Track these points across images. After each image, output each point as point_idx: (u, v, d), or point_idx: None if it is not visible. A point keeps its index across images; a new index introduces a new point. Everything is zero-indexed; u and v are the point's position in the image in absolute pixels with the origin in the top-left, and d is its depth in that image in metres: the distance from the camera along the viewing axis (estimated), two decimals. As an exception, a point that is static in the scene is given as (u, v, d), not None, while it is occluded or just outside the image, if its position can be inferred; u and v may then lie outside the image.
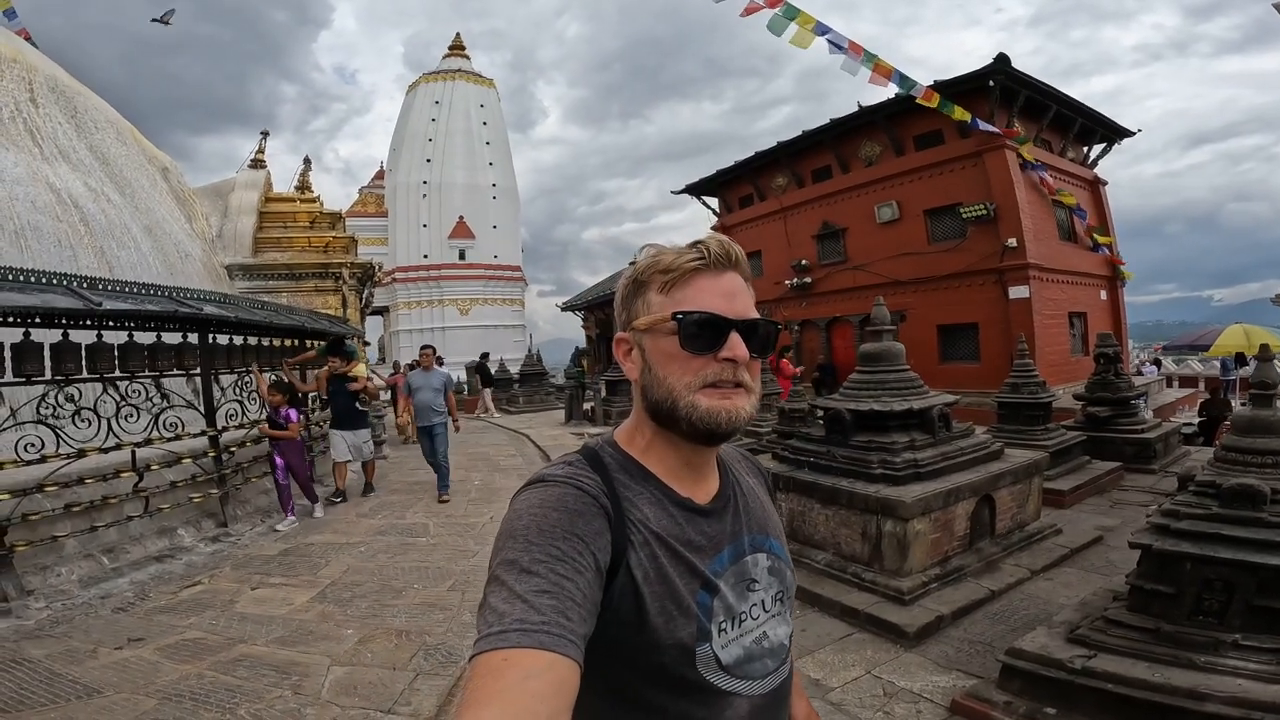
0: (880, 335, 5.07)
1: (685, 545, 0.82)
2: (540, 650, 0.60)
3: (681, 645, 0.78)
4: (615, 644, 0.76)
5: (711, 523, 0.87)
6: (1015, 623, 3.72)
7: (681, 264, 0.81)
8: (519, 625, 0.62)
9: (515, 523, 0.73)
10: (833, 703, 3.02)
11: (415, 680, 3.28)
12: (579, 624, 0.65)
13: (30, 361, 4.68)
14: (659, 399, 0.82)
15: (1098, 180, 16.20)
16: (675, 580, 0.80)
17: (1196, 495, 2.80)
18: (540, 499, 0.76)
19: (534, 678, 0.58)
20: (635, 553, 0.78)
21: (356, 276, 13.64)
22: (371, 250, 26.92)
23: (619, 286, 0.88)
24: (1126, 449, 7.38)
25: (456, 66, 34.86)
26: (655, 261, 0.83)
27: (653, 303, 0.83)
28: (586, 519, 0.74)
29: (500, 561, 0.69)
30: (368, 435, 7.59)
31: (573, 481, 0.79)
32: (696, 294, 0.81)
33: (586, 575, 0.69)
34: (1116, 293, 16.21)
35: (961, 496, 4.36)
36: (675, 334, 0.80)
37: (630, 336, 0.86)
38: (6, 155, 6.79)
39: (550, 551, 0.69)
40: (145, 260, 8.25)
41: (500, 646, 0.60)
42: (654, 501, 0.83)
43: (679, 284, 0.81)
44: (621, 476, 0.83)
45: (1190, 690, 2.28)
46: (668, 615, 0.78)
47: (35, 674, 3.27)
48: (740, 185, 19.92)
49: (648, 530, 0.80)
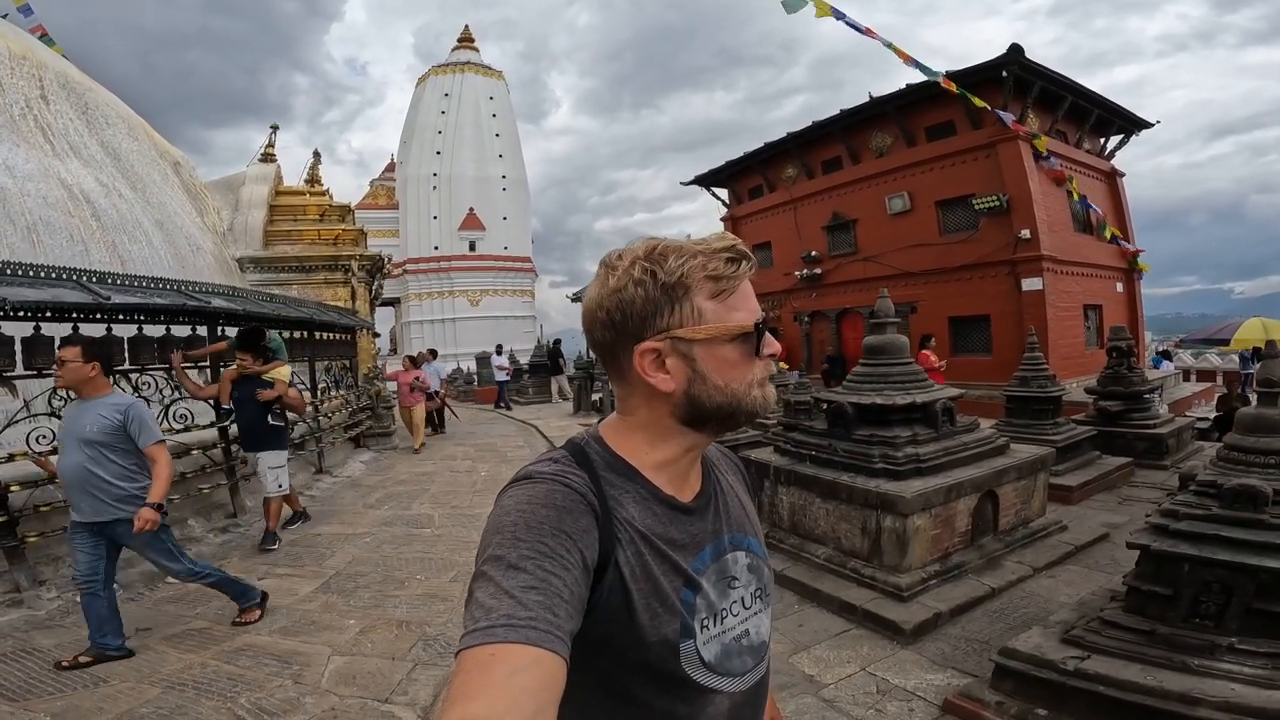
0: (884, 328, 5.04)
1: (669, 544, 0.83)
2: (527, 646, 0.60)
3: (666, 642, 0.79)
4: (602, 640, 0.77)
5: (694, 521, 0.87)
6: (1014, 621, 3.70)
7: (731, 271, 0.80)
8: (506, 620, 0.62)
9: (502, 519, 0.73)
10: (825, 699, 3.02)
11: (413, 670, 3.32)
12: (566, 620, 0.65)
13: (41, 355, 4.76)
14: (719, 404, 0.81)
15: (1115, 172, 15.91)
16: (660, 578, 0.80)
17: (1197, 495, 2.76)
18: (528, 495, 0.76)
19: (520, 673, 0.58)
20: (623, 551, 0.78)
21: (366, 269, 13.73)
22: (382, 242, 27.08)
23: (624, 289, 0.80)
24: (1138, 444, 7.28)
25: (465, 59, 34.83)
26: (693, 267, 0.79)
27: (705, 311, 0.79)
28: (574, 516, 0.74)
29: (487, 557, 0.69)
30: (277, 460, 5.56)
31: (560, 479, 0.78)
32: (745, 300, 0.82)
33: (574, 572, 0.70)
34: (1133, 285, 15.95)
35: (964, 492, 4.33)
36: (746, 342, 0.81)
37: (666, 346, 0.79)
38: (18, 152, 6.88)
39: (537, 548, 0.69)
40: (157, 254, 8.35)
41: (487, 642, 0.60)
42: (639, 500, 0.83)
43: (730, 290, 0.81)
44: (608, 474, 0.83)
45: (1182, 694, 2.26)
46: (653, 612, 0.78)
47: (44, 664, 3.34)
48: (750, 176, 19.77)
49: (634, 529, 0.80)
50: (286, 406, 5.60)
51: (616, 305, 0.80)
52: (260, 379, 5.49)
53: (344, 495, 7.39)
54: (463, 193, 33.25)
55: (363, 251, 14.01)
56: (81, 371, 3.36)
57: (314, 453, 8.33)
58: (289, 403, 5.63)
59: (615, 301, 0.80)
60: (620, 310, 0.80)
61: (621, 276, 0.80)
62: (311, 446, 8.24)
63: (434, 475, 8.41)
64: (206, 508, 6.03)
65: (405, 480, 8.12)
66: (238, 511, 6.18)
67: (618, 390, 0.88)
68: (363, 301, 13.57)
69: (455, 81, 33.94)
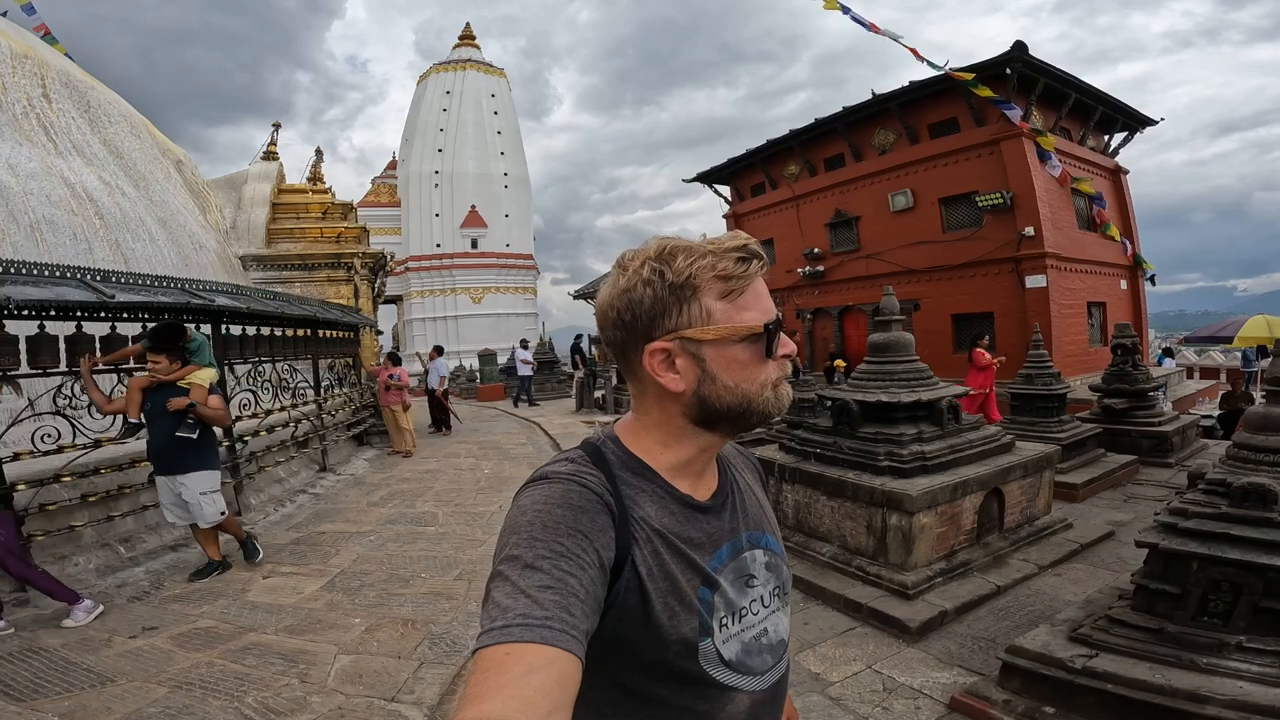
0: (889, 325, 5.02)
1: (686, 542, 0.83)
2: (543, 645, 0.60)
3: (685, 640, 0.79)
4: (620, 639, 0.77)
5: (711, 519, 0.87)
6: (1020, 619, 3.70)
7: (742, 271, 0.79)
8: (522, 620, 0.62)
9: (519, 519, 0.74)
10: (832, 697, 3.02)
11: (419, 669, 3.32)
12: (582, 620, 0.65)
13: (45, 353, 4.76)
14: (729, 405, 0.81)
15: (1119, 169, 15.86)
16: (678, 576, 0.80)
17: (1206, 493, 2.74)
18: (544, 495, 0.76)
19: (536, 672, 0.58)
20: (639, 550, 0.79)
21: (368, 266, 13.74)
22: (385, 240, 27.08)
23: (633, 289, 0.80)
24: (1143, 442, 7.26)
25: (467, 56, 34.77)
26: (701, 267, 0.78)
27: (714, 311, 0.78)
28: (590, 515, 0.75)
29: (504, 557, 0.69)
30: (210, 483, 4.64)
31: (577, 478, 0.79)
32: (757, 299, 0.81)
33: (590, 572, 0.70)
34: (1137, 282, 15.93)
35: (969, 490, 4.33)
36: (757, 342, 0.80)
37: (675, 346, 0.79)
38: (21, 150, 6.89)
39: (554, 548, 0.69)
40: (160, 252, 8.36)
41: (503, 641, 0.60)
42: (656, 499, 0.83)
43: (741, 290, 0.80)
44: (624, 474, 0.84)
45: (1190, 693, 2.25)
46: (671, 611, 0.79)
47: (51, 663, 3.35)
48: (752, 173, 19.74)
49: (650, 528, 0.81)
50: (202, 417, 4.56)
51: (626, 305, 0.80)
52: (176, 387, 4.55)
53: (348, 493, 7.40)
54: (464, 190, 33.22)
55: (365, 249, 14.02)
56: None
57: (318, 451, 8.34)
58: (205, 413, 4.56)
59: (625, 301, 0.80)
60: (630, 310, 0.80)
61: (631, 276, 0.80)
62: (315, 444, 8.25)
63: (437, 473, 8.41)
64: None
65: (409, 478, 8.12)
66: (242, 510, 6.19)
67: (632, 389, 0.88)
68: (365, 299, 13.58)
69: (457, 79, 33.89)
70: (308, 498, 7.12)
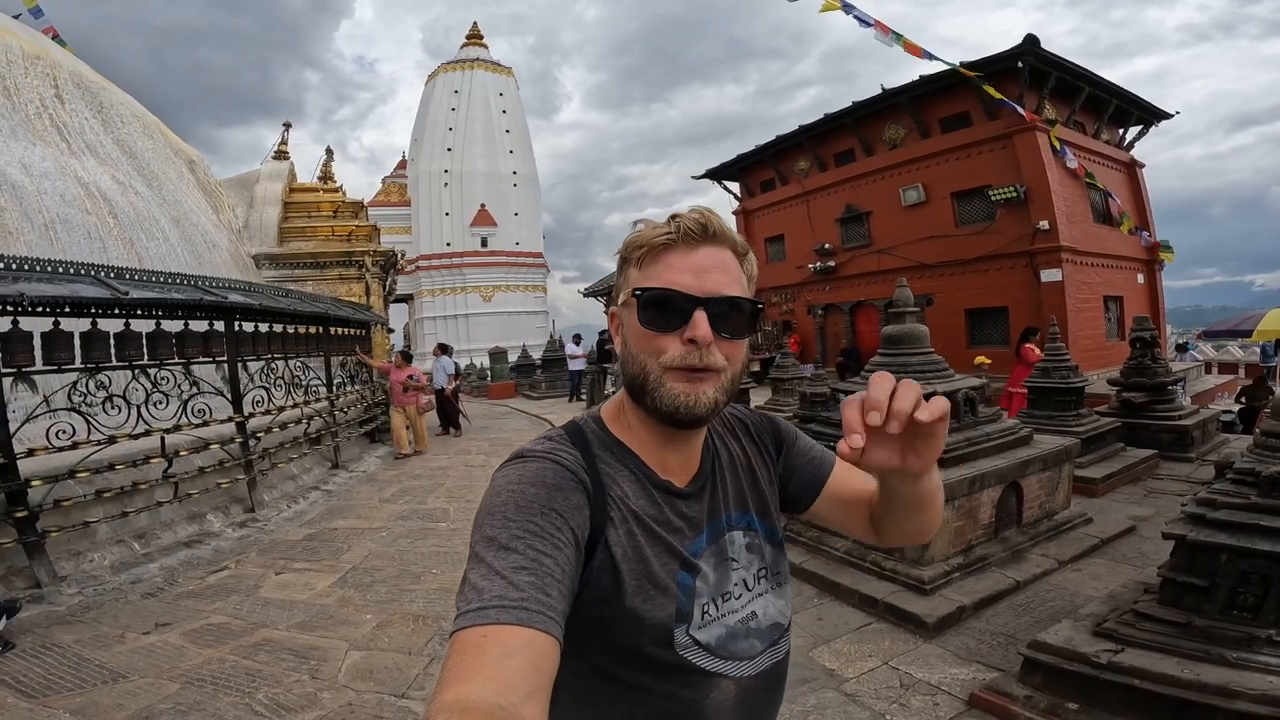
0: (903, 317, 4.95)
1: (663, 526, 0.82)
2: (519, 627, 0.60)
3: (661, 625, 0.78)
4: (597, 622, 0.77)
5: (690, 504, 0.86)
6: (1040, 614, 3.62)
7: (653, 239, 0.80)
8: (498, 602, 0.62)
9: (494, 499, 0.73)
10: (847, 693, 2.97)
11: (430, 665, 3.31)
12: (558, 600, 0.65)
13: (60, 350, 4.79)
14: (633, 374, 0.82)
15: (1134, 163, 15.64)
16: (653, 560, 0.80)
17: (1234, 484, 2.67)
18: (518, 474, 0.76)
19: (514, 655, 0.58)
20: (614, 529, 0.78)
21: (379, 264, 13.76)
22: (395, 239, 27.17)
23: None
24: (1162, 436, 7.13)
25: (474, 55, 34.85)
26: (636, 237, 0.82)
27: (630, 278, 0.82)
28: (565, 494, 0.74)
29: (479, 538, 0.69)
30: None
31: (551, 456, 0.79)
32: (664, 270, 0.79)
33: (565, 551, 0.70)
34: (1154, 276, 15.70)
35: (987, 483, 4.25)
36: (647, 310, 0.79)
37: (616, 310, 0.86)
38: (35, 150, 6.94)
39: (528, 527, 0.69)
40: (173, 251, 8.41)
41: (480, 623, 0.60)
42: (633, 480, 0.83)
43: (649, 259, 0.80)
44: (603, 453, 0.84)
45: (1220, 687, 2.18)
46: (645, 594, 0.78)
47: (64, 659, 3.36)
48: (761, 169, 19.64)
49: (626, 508, 0.80)
50: None
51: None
52: None
53: (360, 490, 7.42)
54: (474, 189, 33.31)
55: (376, 248, 14.04)
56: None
57: (330, 447, 8.36)
58: None
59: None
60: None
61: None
62: (328, 441, 8.28)
63: (448, 470, 8.42)
64: (225, 502, 6.07)
65: (420, 475, 8.14)
66: (255, 506, 6.21)
67: None
68: (376, 297, 13.61)
69: (465, 78, 33.98)
70: (320, 494, 7.14)
